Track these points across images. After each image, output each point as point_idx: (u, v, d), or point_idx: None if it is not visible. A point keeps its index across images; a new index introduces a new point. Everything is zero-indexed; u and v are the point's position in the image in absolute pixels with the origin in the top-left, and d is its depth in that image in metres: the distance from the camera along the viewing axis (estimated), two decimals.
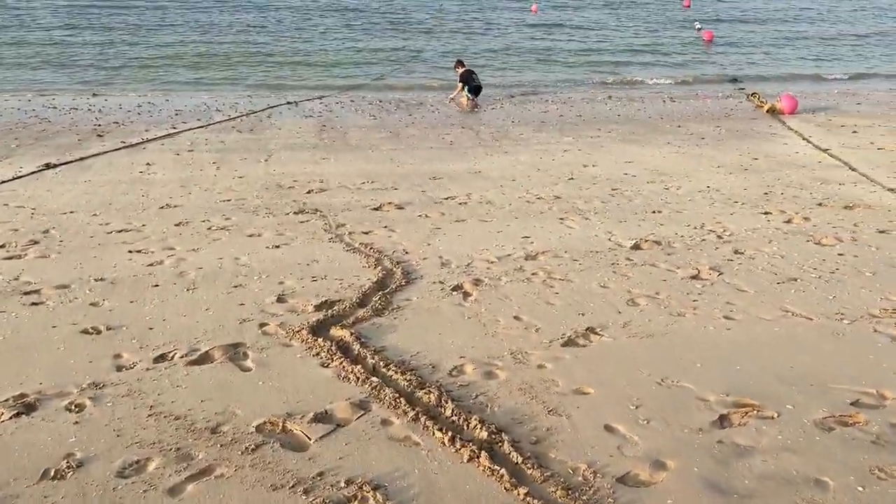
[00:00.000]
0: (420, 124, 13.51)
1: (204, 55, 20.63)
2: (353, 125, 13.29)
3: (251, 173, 9.27)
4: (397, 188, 8.52)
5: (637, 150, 10.96)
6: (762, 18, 32.50)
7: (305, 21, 26.98)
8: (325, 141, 11.75)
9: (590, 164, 9.85)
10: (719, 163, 9.90)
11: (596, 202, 7.72)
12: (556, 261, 5.80)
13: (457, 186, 8.59)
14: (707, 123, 13.51)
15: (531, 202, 7.76)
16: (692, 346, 4.22)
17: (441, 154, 10.77)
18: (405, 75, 19.19)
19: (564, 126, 13.36)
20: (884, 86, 19.08)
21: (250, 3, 31.84)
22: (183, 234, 6.55)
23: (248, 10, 29.24)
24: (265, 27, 25.50)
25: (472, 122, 13.90)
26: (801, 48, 24.78)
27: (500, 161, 10.19)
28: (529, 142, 11.81)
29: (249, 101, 15.72)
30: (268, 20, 27.01)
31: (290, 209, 7.48)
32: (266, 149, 10.97)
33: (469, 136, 12.34)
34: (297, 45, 22.58)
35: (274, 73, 19.15)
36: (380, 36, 24.79)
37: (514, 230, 6.68)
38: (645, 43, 25.00)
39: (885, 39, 27.06)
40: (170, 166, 9.61)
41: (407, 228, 6.78)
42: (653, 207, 7.48)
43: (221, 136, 11.96)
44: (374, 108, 15.17)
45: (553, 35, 25.85)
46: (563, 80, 19.24)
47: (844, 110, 15.04)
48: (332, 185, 8.68)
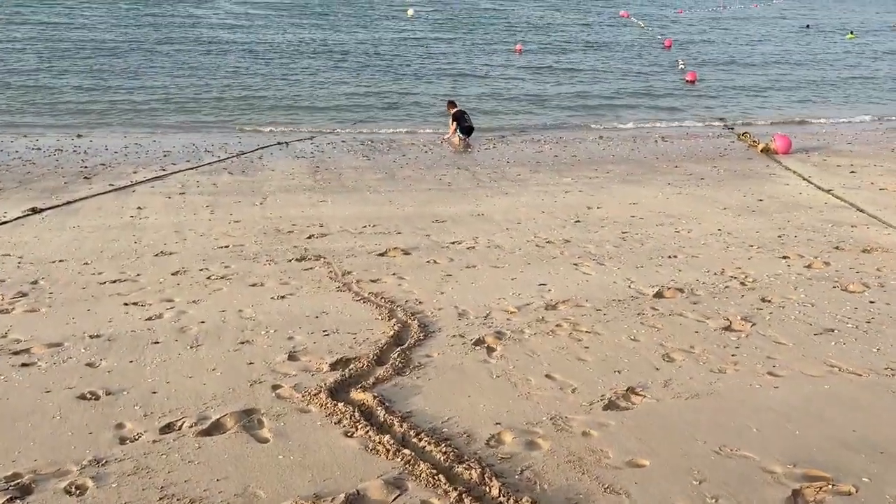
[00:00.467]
0: (415, 165, 13.31)
1: (190, 96, 20.37)
2: (347, 166, 13.06)
3: (247, 217, 8.95)
4: (400, 232, 8.24)
5: (639, 190, 10.81)
6: (743, 61, 33.05)
7: (292, 62, 26.83)
8: (320, 182, 11.49)
9: (594, 206, 9.65)
10: (725, 204, 9.75)
11: (608, 246, 7.49)
12: (579, 311, 5.52)
13: (461, 230, 8.33)
14: (704, 163, 13.44)
15: (541, 246, 7.51)
16: (743, 408, 3.94)
17: (440, 195, 10.54)
18: (394, 116, 19.05)
19: (561, 166, 13.23)
20: (870, 126, 19.27)
21: (235, 44, 31.81)
22: (181, 285, 6.21)
23: (234, 52, 29.11)
24: (251, 68, 25.32)
25: (468, 162, 13.73)
26: (784, 90, 25.07)
27: (502, 203, 9.97)
28: (528, 182, 11.63)
29: (238, 141, 15.45)
30: (254, 61, 26.87)
31: (291, 256, 7.16)
32: (260, 191, 10.68)
33: (466, 177, 12.15)
34: (284, 86, 22.41)
35: (261, 113, 18.93)
36: (368, 77, 24.73)
37: (528, 277, 6.41)
38: (629, 83, 25.19)
39: (869, 83, 27.47)
40: (162, 210, 9.27)
41: (417, 276, 6.48)
42: (668, 252, 7.26)
43: (213, 177, 11.66)
44: (366, 149, 14.97)
45: (540, 76, 25.97)
46: (551, 121, 19.19)
47: (837, 149, 15.08)
48: (333, 229, 8.39)
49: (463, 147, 15.40)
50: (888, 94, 24.83)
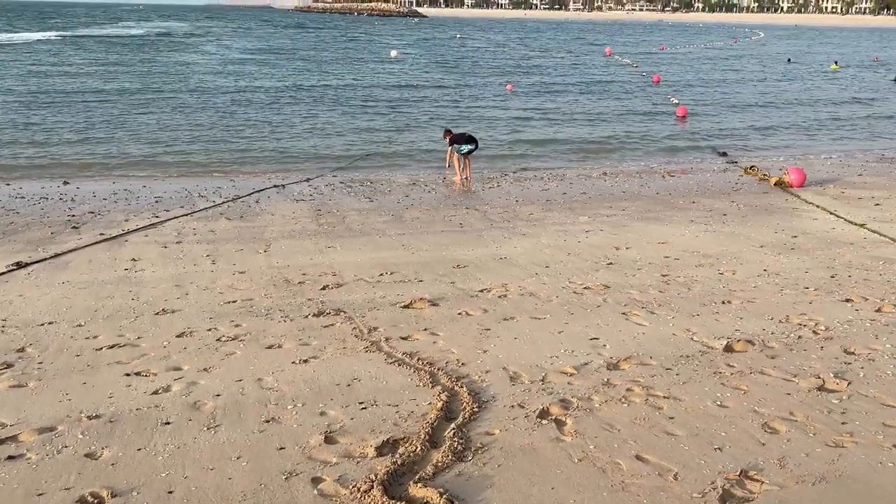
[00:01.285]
0: (420, 206, 12.71)
1: (180, 141, 19.73)
2: (350, 208, 12.43)
3: (252, 267, 8.27)
4: (422, 280, 7.59)
5: (663, 229, 10.26)
6: (734, 95, 33.09)
7: (281, 105, 26.33)
8: (324, 227, 10.83)
9: (622, 247, 9.07)
10: (759, 242, 9.21)
11: (652, 292, 6.87)
12: (646, 370, 4.87)
13: (487, 276, 7.70)
14: (720, 199, 12.96)
15: (579, 293, 6.88)
16: (885, 496, 3.28)
17: (455, 238, 9.92)
18: (390, 157, 18.47)
19: (573, 204, 12.68)
20: (873, 158, 18.97)
21: (223, 89, 31.45)
22: (188, 348, 5.49)
23: (222, 97, 28.63)
24: (240, 112, 24.76)
25: (475, 202, 13.15)
26: (777, 122, 24.87)
27: (523, 245, 9.36)
28: (544, 222, 11.06)
29: (233, 185, 14.77)
30: (242, 105, 26.36)
31: (307, 310, 6.47)
32: (263, 238, 10.00)
33: (477, 217, 11.55)
34: (274, 129, 21.85)
35: (254, 156, 18.29)
36: (359, 119, 24.29)
37: (576, 329, 5.76)
38: (625, 118, 24.87)
39: (863, 116, 27.34)
40: (159, 261, 8.56)
41: (451, 331, 5.81)
42: (719, 297, 6.65)
43: (210, 224, 10.98)
44: (366, 190, 14.36)
45: (534, 114, 25.63)
46: (550, 157, 18.70)
47: (850, 181, 14.70)
48: (348, 278, 7.72)
49: (464, 184, 14.90)
50: (882, 127, 24.69)
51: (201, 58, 46.13)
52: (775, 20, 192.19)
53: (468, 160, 15.58)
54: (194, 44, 62.14)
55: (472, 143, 15.43)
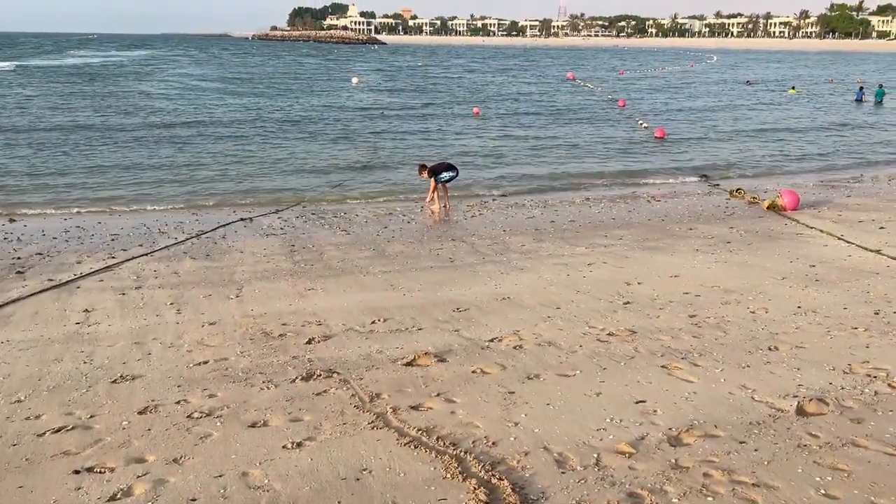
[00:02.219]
0: (402, 238, 11.82)
1: (137, 173, 18.51)
2: (326, 242, 11.48)
3: (224, 317, 7.27)
4: (420, 327, 6.68)
5: (670, 259, 9.54)
6: (702, 117, 33.07)
7: (244, 135, 25.18)
8: (301, 265, 9.86)
9: (633, 282, 8.29)
10: (778, 273, 8.52)
11: (686, 337, 6.08)
12: (717, 445, 4.04)
13: (494, 320, 6.83)
14: (717, 225, 12.34)
15: (604, 341, 6.05)
16: None
17: (447, 275, 9.05)
18: (361, 186, 17.52)
19: (565, 234, 11.93)
20: (853, 177, 18.68)
21: (183, 118, 30.32)
22: (153, 430, 4.49)
23: (182, 126, 27.47)
24: (201, 142, 23.62)
25: (460, 232, 12.31)
26: (748, 145, 24.56)
27: (524, 281, 8.53)
28: (539, 254, 10.26)
29: (196, 220, 13.69)
30: (204, 135, 25.22)
31: (294, 373, 5.51)
32: (233, 280, 9.00)
33: (466, 250, 10.71)
34: (238, 159, 20.73)
35: (217, 187, 17.18)
36: (325, 147, 23.34)
37: (615, 390, 4.92)
38: (595, 142, 24.30)
39: (805, 137, 27.20)
40: (116, 313, 7.50)
41: (470, 396, 4.91)
42: (762, 342, 5.88)
43: (173, 265, 9.92)
44: (341, 221, 13.42)
45: (504, 140, 24.95)
46: (527, 183, 17.93)
47: (841, 203, 14.26)
48: (336, 327, 6.77)
49: (443, 213, 14.12)
50: (852, 146, 24.62)
51: (159, 87, 44.77)
52: (726, 44, 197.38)
53: (446, 188, 14.84)
54: (151, 73, 60.66)
55: (452, 170, 14.72)
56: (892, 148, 23.75)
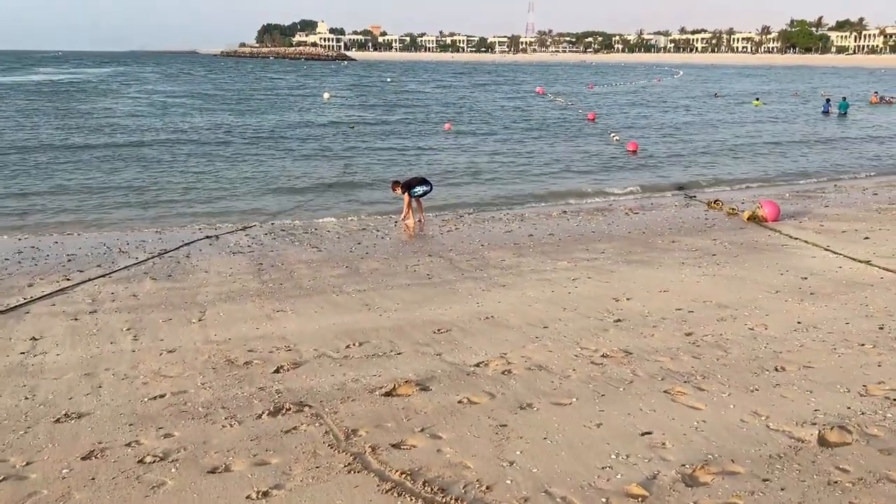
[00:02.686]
0: (377, 254, 11.31)
1: (98, 190, 17.74)
2: (296, 260, 10.92)
3: (185, 343, 6.69)
4: (400, 352, 6.18)
5: (656, 274, 9.17)
6: (672, 130, 33.15)
7: (211, 151, 24.40)
8: (269, 285, 9.30)
9: (621, 298, 7.89)
10: (769, 286, 8.18)
11: (685, 358, 5.66)
12: (738, 484, 3.60)
13: (478, 342, 6.35)
14: (699, 237, 12.04)
15: (599, 363, 5.61)
16: None
17: (426, 293, 8.56)
18: (331, 201, 16.96)
19: (545, 247, 11.52)
20: (828, 187, 18.63)
21: (149, 134, 29.53)
22: (98, 480, 3.92)
23: (148, 143, 26.67)
24: (166, 158, 22.82)
25: (437, 247, 11.84)
26: (720, 156, 24.49)
27: (506, 298, 8.08)
28: (521, 269, 9.82)
29: (159, 238, 13.03)
30: (169, 151, 24.43)
31: (260, 406, 4.97)
32: (195, 302, 8.41)
33: (444, 266, 10.24)
34: (204, 175, 20.05)
35: (182, 202, 16.52)
36: (295, 162, 22.76)
37: (617, 420, 4.47)
38: (568, 156, 23.93)
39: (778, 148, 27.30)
40: (66, 340, 6.87)
41: (457, 430, 4.43)
42: (767, 362, 5.49)
43: (132, 286, 9.30)
44: (311, 238, 12.86)
45: (476, 155, 24.58)
46: (503, 197, 17.53)
47: (820, 213, 14.09)
48: (306, 353, 6.24)
49: (417, 227, 13.67)
50: (821, 156, 24.70)
51: (125, 104, 43.77)
52: (691, 59, 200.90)
53: (420, 202, 14.40)
54: (118, 90, 59.50)
55: (426, 184, 14.31)
56: (862, 158, 23.91)
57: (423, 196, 14.31)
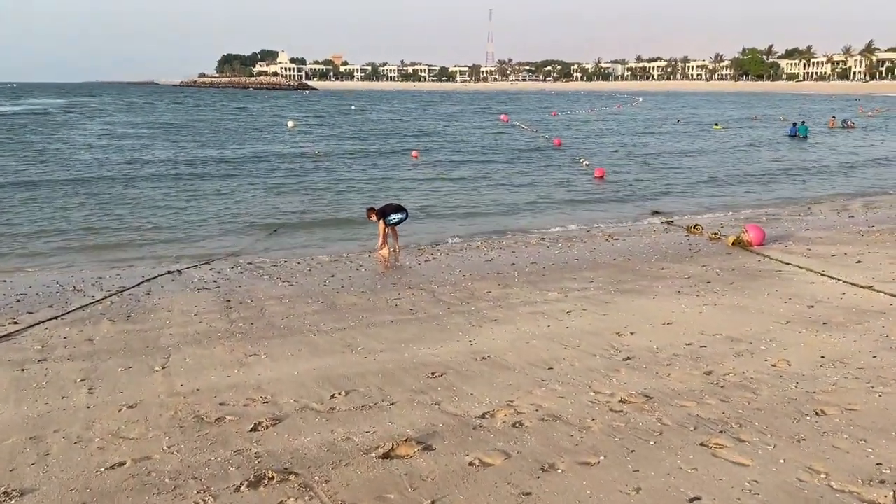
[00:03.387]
0: (353, 287, 10.64)
1: (52, 225, 16.69)
2: (267, 296, 10.19)
3: (147, 396, 5.93)
4: (392, 402, 5.51)
5: (653, 304, 8.67)
6: (638, 155, 33.22)
7: (173, 183, 23.30)
8: (239, 324, 8.56)
9: (624, 332, 7.34)
10: (776, 316, 7.73)
11: (712, 402, 5.11)
12: None
13: (478, 388, 5.72)
14: (688, 263, 11.63)
15: (619, 411, 5.02)
16: None
17: (412, 330, 7.91)
18: (300, 231, 16.19)
19: (530, 277, 10.98)
20: (802, 210, 18.52)
21: (108, 166, 28.46)
22: None
23: (104, 173, 25.64)
24: (126, 192, 21.77)
25: (417, 279, 11.21)
26: (689, 180, 24.35)
27: (501, 334, 7.48)
28: (510, 301, 9.25)
29: (117, 275, 12.14)
30: (130, 184, 23.37)
31: (238, 475, 4.26)
32: (158, 346, 7.63)
33: (427, 300, 9.61)
34: (166, 207, 19.13)
35: (142, 236, 15.58)
36: (262, 191, 21.99)
37: (657, 484, 3.87)
38: (537, 182, 23.47)
39: (756, 169, 27.62)
40: (9, 396, 6.06)
41: (474, 502, 3.77)
42: (804, 405, 4.97)
43: (87, 329, 8.47)
44: (281, 271, 12.13)
45: (445, 183, 24.06)
46: (478, 226, 16.96)
47: (804, 237, 13.84)
48: (287, 405, 5.54)
49: (393, 257, 13.06)
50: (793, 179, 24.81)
51: (81, 136, 42.40)
52: (648, 87, 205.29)
53: (395, 231, 13.80)
54: (74, 121, 57.93)
55: (402, 212, 13.71)
56: (831, 181, 24.01)
57: (399, 224, 13.72)
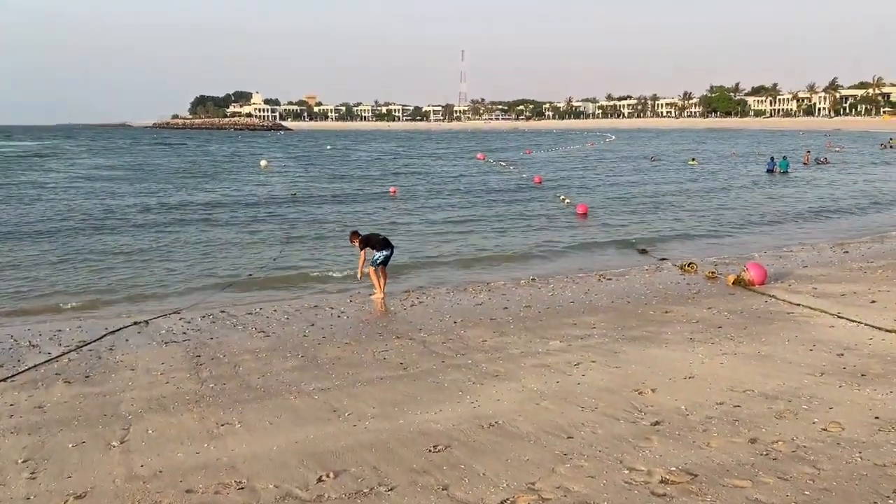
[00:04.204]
0: (336, 338, 9.80)
1: (10, 273, 15.64)
2: (241, 349, 9.31)
3: (100, 482, 5.02)
4: (392, 486, 4.68)
5: (666, 354, 7.95)
6: (620, 192, 32.93)
7: (143, 227, 22.08)
8: (210, 385, 7.67)
9: (643, 388, 6.59)
10: (807, 367, 7.05)
11: (768, 480, 4.36)
12: None
13: (490, 465, 4.91)
14: (692, 306, 10.98)
15: (663, 494, 4.25)
16: None
17: (404, 389, 7.09)
18: (276, 276, 15.17)
19: (527, 322, 10.23)
20: (793, 247, 18.05)
21: (72, 209, 27.35)
22: None
23: (71, 217, 24.55)
24: (93, 234, 20.80)
25: (404, 326, 10.40)
26: (671, 217, 23.88)
27: (506, 394, 6.68)
28: (508, 352, 8.47)
29: (78, 326, 11.16)
30: (96, 226, 22.42)
31: None
32: (118, 413, 6.72)
33: (417, 350, 8.80)
34: (135, 250, 18.16)
35: (109, 283, 14.57)
36: (235, 234, 21.07)
37: None
38: (521, 221, 22.90)
39: (729, 206, 27.36)
40: None
41: None
42: (881, 484, 4.25)
43: (39, 393, 7.52)
44: (257, 320, 11.23)
45: (424, 220, 23.46)
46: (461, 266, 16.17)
47: (803, 274, 13.30)
48: (265, 492, 4.67)
49: (381, 306, 12.22)
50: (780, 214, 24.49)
51: (47, 178, 41.16)
52: (619, 124, 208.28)
53: (385, 272, 12.87)
54: (41, 164, 56.56)
55: (388, 247, 12.77)
56: (815, 217, 23.65)
57: (387, 263, 12.84)
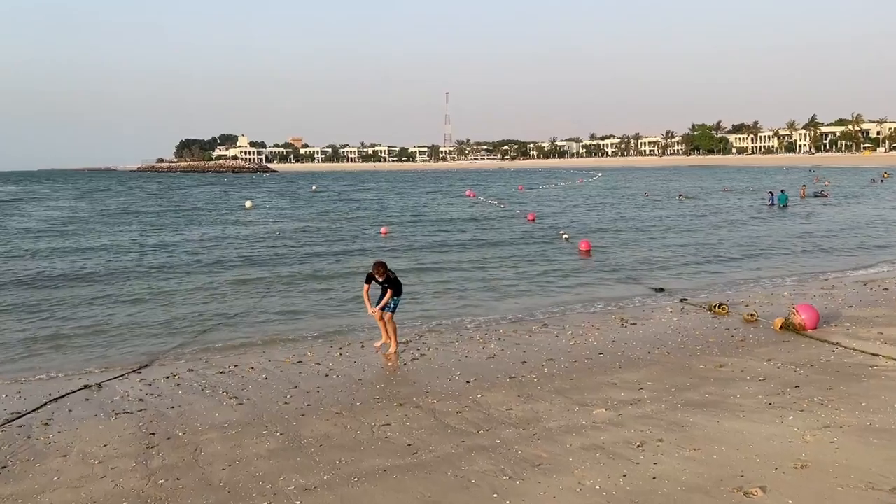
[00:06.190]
0: (324, 404, 7.99)
1: None
2: (205, 424, 7.47)
3: None
4: None
5: (749, 428, 6.20)
6: (618, 230, 31.48)
7: (109, 275, 20.05)
8: (159, 482, 5.81)
9: (746, 485, 4.82)
10: None
11: None
12: None
13: None
14: (743, 356, 9.30)
15: None
16: None
17: (416, 488, 5.28)
18: (254, 327, 13.21)
19: (555, 381, 8.47)
20: (811, 280, 16.45)
21: (34, 255, 25.41)
22: None
23: (32, 264, 22.63)
24: (53, 283, 18.83)
25: (405, 387, 8.61)
26: (676, 254, 22.27)
27: (561, 495, 4.88)
28: (545, 426, 6.70)
29: (17, 393, 9.24)
30: (59, 274, 20.50)
31: None
32: None
33: (427, 424, 7.01)
34: (97, 300, 16.20)
35: (65, 338, 12.59)
36: (212, 279, 19.20)
37: None
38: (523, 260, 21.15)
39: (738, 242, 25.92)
40: None
41: None
42: None
43: None
44: (230, 381, 9.36)
45: (419, 260, 21.75)
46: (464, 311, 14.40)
47: (856, 316, 11.71)
48: None
49: (381, 352, 10.44)
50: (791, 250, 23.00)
51: (24, 223, 39.03)
52: (604, 163, 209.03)
53: (393, 323, 10.82)
54: (20, 210, 54.48)
55: (396, 288, 10.70)
56: (838, 253, 22.13)
57: (389, 309, 10.84)
